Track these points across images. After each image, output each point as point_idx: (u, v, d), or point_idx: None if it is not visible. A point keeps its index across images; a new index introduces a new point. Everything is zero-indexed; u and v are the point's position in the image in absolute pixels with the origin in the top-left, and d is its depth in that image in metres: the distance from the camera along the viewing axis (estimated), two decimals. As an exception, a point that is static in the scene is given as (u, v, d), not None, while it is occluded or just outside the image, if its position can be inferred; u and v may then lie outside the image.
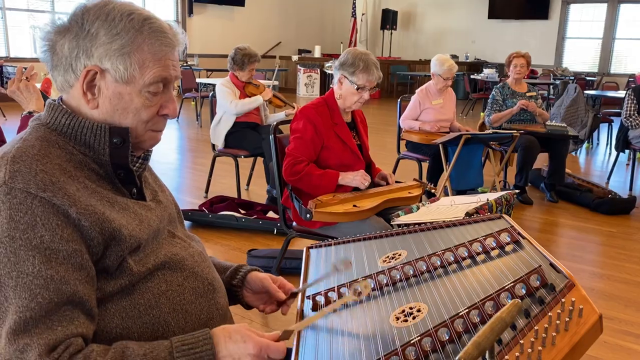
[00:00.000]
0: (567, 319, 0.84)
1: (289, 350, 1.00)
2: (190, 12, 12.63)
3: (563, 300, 0.87)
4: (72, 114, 1.01)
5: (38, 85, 2.23)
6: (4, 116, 8.23)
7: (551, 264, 0.99)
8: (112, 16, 0.98)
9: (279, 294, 1.23)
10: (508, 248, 1.12)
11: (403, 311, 1.01)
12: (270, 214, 3.93)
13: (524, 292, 0.93)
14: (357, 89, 2.47)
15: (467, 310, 0.92)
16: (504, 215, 1.30)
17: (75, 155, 0.99)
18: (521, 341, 0.81)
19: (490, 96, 4.80)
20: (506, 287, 0.94)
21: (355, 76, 2.45)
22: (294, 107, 4.41)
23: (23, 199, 0.88)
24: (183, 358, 0.92)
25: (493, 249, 1.13)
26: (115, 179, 1.04)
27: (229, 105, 4.13)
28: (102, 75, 0.99)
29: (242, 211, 3.99)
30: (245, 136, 4.21)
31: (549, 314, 0.85)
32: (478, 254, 1.13)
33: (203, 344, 0.94)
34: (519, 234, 1.15)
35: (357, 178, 2.44)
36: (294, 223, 2.62)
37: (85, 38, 0.98)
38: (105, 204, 0.98)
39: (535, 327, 0.83)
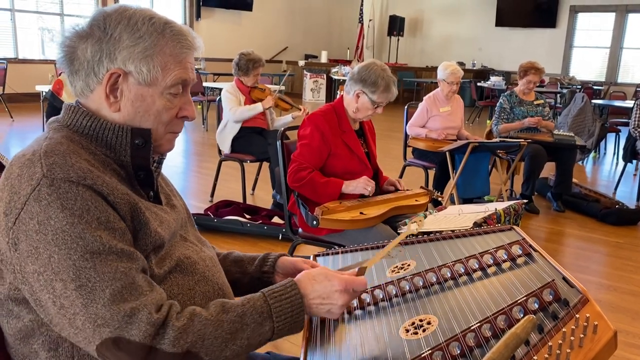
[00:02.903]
0: (582, 335, 0.82)
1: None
2: (198, 16, 12.67)
3: (577, 315, 0.85)
4: (93, 115, 1.03)
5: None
6: (12, 117, 8.26)
7: (564, 278, 0.98)
8: (134, 20, 1.00)
9: None
10: (520, 261, 1.11)
11: (413, 323, 1.00)
12: (276, 220, 3.92)
13: (537, 306, 0.91)
14: (376, 107, 2.52)
15: (478, 324, 0.91)
16: (514, 227, 1.29)
17: (98, 156, 1.01)
18: (535, 357, 0.79)
19: (497, 105, 4.78)
20: (519, 301, 0.93)
21: (375, 95, 2.49)
22: (300, 109, 4.40)
23: (68, 188, 0.90)
24: (277, 303, 0.99)
25: (504, 261, 1.12)
26: (135, 181, 1.05)
27: (229, 112, 4.16)
28: (124, 78, 1.01)
29: (247, 216, 3.98)
30: (252, 141, 4.20)
31: (563, 329, 0.84)
32: (489, 266, 1.12)
33: (291, 289, 1.02)
34: (530, 246, 1.14)
35: (359, 185, 2.43)
36: (300, 229, 2.61)
37: (109, 42, 1.00)
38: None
39: (549, 343, 0.81)
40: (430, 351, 0.88)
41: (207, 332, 0.92)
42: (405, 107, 4.62)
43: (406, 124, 4.49)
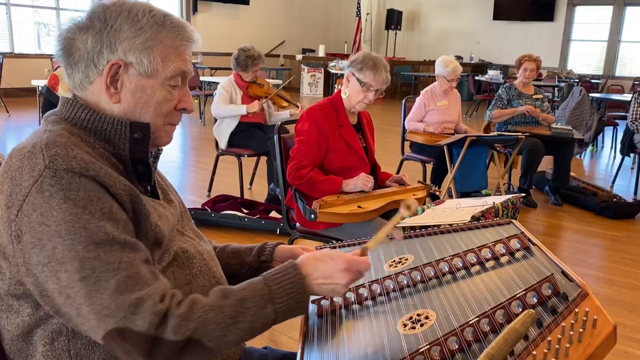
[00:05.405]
0: (581, 330, 0.82)
1: (294, 355, 0.99)
2: (195, 10, 12.61)
3: (577, 310, 0.85)
4: (91, 109, 1.02)
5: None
6: (8, 112, 8.22)
7: (563, 272, 0.97)
8: (135, 12, 1.01)
9: None
10: (518, 255, 1.10)
11: (411, 318, 0.99)
12: (273, 214, 3.91)
13: (536, 300, 0.91)
14: (362, 85, 2.44)
15: (477, 318, 0.90)
16: (513, 221, 1.28)
17: (97, 149, 1.00)
18: (534, 352, 0.79)
19: (496, 94, 4.78)
20: (517, 296, 0.92)
21: (362, 73, 2.43)
22: (297, 107, 4.39)
23: (70, 178, 0.90)
24: (277, 285, 0.99)
25: (503, 255, 1.11)
26: (133, 175, 1.05)
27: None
28: (125, 69, 1.01)
29: (245, 210, 3.97)
30: (253, 135, 4.19)
31: (562, 324, 0.83)
32: (487, 260, 1.11)
33: (291, 270, 1.01)
34: (529, 240, 1.13)
35: (359, 183, 2.41)
36: (298, 224, 2.60)
37: (109, 33, 1.00)
38: None
39: (548, 338, 0.81)
40: (428, 346, 0.88)
41: (208, 318, 0.92)
42: (403, 101, 4.61)
43: (404, 118, 4.48)
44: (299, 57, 13.53)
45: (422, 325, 0.96)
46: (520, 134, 4.17)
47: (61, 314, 0.92)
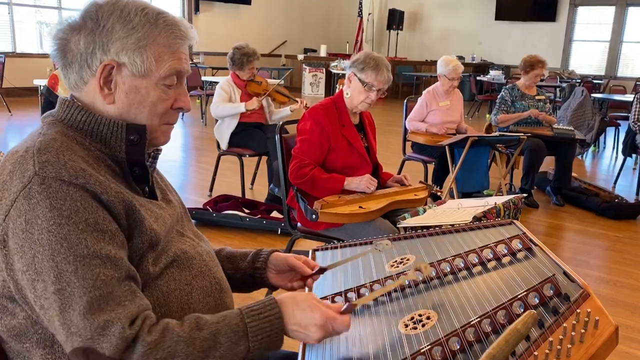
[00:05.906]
0: (583, 331, 0.81)
1: (295, 355, 0.99)
2: (197, 9, 12.62)
3: (578, 310, 0.85)
4: (87, 110, 1.02)
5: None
6: (10, 111, 8.23)
7: (565, 273, 0.97)
8: (127, 11, 0.99)
9: (304, 268, 1.25)
10: (520, 255, 1.10)
11: (412, 318, 0.99)
12: (274, 214, 3.91)
13: (537, 301, 0.90)
14: (364, 85, 2.44)
15: (478, 319, 0.90)
16: (514, 221, 1.28)
17: (92, 152, 1.00)
18: (535, 352, 0.79)
19: (499, 96, 4.78)
20: (519, 296, 0.92)
21: (364, 73, 2.43)
22: (297, 102, 4.38)
23: (58, 187, 0.89)
24: (254, 322, 0.96)
25: (504, 255, 1.11)
26: (130, 177, 1.04)
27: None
28: (118, 70, 1.00)
29: (246, 210, 3.97)
30: (253, 135, 4.18)
31: (564, 324, 0.83)
32: (489, 260, 1.11)
33: (270, 308, 0.98)
34: (530, 240, 1.13)
35: (362, 183, 2.41)
36: (299, 224, 2.60)
37: (102, 33, 0.99)
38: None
39: (550, 338, 0.81)
40: (429, 346, 0.88)
41: (178, 349, 0.90)
42: (405, 101, 4.60)
43: (405, 118, 4.48)
44: (300, 57, 13.53)
45: (423, 325, 0.96)
46: (522, 134, 4.16)
47: (41, 320, 0.92)
